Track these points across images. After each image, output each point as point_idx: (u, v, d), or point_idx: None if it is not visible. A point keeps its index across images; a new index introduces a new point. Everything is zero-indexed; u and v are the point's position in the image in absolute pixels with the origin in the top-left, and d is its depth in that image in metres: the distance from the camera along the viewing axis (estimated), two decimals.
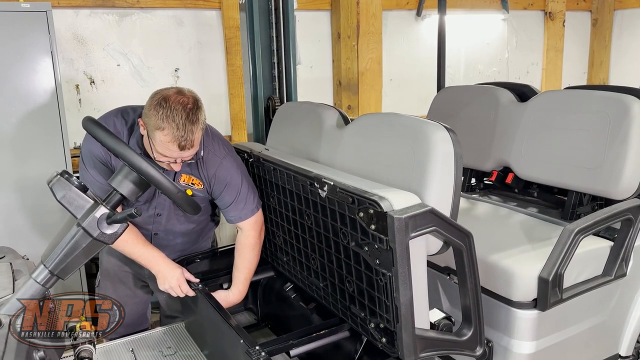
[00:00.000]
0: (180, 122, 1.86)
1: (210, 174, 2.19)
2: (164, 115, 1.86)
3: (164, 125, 1.86)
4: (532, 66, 5.76)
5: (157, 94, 1.92)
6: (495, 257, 2.05)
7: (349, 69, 4.73)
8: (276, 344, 1.86)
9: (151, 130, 1.90)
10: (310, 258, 2.07)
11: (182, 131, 1.87)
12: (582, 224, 1.98)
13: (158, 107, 1.87)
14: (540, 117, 2.53)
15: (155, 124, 1.87)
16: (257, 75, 3.44)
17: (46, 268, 1.45)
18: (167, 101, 1.88)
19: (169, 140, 1.88)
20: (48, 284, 1.47)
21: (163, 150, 1.92)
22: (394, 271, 1.56)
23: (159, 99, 1.90)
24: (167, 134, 1.87)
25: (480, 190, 3.03)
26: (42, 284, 1.46)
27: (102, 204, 1.46)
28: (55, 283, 1.49)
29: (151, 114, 1.88)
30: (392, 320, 1.64)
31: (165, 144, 1.89)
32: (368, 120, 2.06)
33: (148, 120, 1.90)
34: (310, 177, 1.87)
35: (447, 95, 3.13)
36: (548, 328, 2.01)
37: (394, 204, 1.55)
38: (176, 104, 1.88)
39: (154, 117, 1.87)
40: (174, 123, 1.86)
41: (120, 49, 3.98)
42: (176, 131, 1.86)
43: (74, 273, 1.50)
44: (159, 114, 1.86)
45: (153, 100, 1.91)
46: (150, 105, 1.90)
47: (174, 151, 1.91)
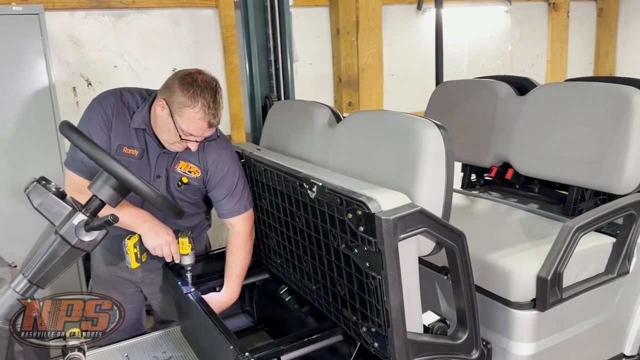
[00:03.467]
0: (210, 99, 1.96)
1: (210, 162, 2.20)
2: (195, 94, 1.94)
3: (195, 104, 1.94)
4: (536, 58, 5.66)
5: (180, 74, 2.00)
6: (493, 256, 2.00)
7: (349, 65, 4.67)
8: (267, 350, 1.81)
9: (178, 109, 1.96)
10: (303, 260, 2.02)
11: (213, 109, 1.97)
12: (582, 220, 1.92)
13: (187, 85, 1.95)
14: (540, 110, 2.46)
15: (184, 102, 1.94)
16: (254, 74, 3.39)
17: (25, 277, 1.42)
18: (195, 80, 1.96)
19: (199, 118, 1.96)
20: (27, 294, 1.44)
21: (190, 129, 1.98)
22: (383, 274, 1.51)
23: (185, 78, 1.97)
24: (198, 111, 1.94)
25: (481, 187, 2.97)
26: (21, 293, 1.43)
27: (80, 210, 1.42)
28: (35, 292, 1.45)
29: (179, 92, 1.95)
30: (383, 325, 1.59)
31: (195, 121, 1.96)
32: (358, 118, 2.00)
33: (175, 99, 1.96)
34: (299, 178, 1.83)
35: (445, 90, 3.07)
36: (548, 329, 1.95)
37: (382, 204, 1.50)
38: (204, 83, 1.97)
39: (182, 96, 1.94)
40: (204, 101, 1.94)
41: (116, 50, 3.95)
42: (207, 109, 1.95)
43: (54, 281, 1.46)
44: (189, 93, 1.94)
45: (177, 80, 1.97)
46: (174, 85, 1.97)
47: (201, 129, 1.99)
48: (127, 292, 2.46)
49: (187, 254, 2.20)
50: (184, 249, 2.19)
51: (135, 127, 2.10)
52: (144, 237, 2.14)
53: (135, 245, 2.11)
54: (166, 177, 2.18)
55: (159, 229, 2.15)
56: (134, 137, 2.11)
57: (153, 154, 2.14)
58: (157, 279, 2.46)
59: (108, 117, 2.06)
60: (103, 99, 2.10)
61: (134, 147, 2.11)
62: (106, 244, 2.37)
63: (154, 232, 2.14)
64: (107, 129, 2.06)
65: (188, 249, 2.19)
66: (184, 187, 2.21)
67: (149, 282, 2.46)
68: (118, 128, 2.08)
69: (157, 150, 2.14)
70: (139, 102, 2.12)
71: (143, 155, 2.13)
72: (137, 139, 2.11)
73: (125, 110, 2.09)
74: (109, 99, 2.10)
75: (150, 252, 2.15)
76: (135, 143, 2.11)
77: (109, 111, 2.07)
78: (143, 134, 2.12)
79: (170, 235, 2.17)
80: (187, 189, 2.22)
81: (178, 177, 2.19)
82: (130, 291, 2.46)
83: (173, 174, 2.18)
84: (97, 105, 2.08)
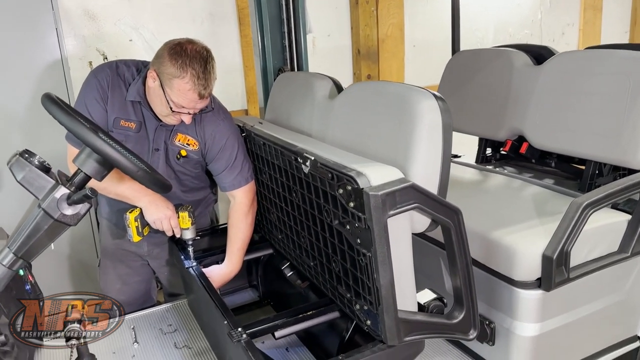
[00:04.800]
0: (199, 70, 1.89)
1: (208, 134, 2.17)
2: (183, 64, 1.88)
3: (184, 74, 1.88)
4: (567, 27, 5.40)
5: (169, 44, 1.94)
6: (499, 233, 1.91)
7: (368, 36, 4.54)
8: (260, 325, 1.80)
9: (168, 80, 1.91)
10: (301, 236, 1.99)
11: (202, 79, 1.91)
12: (592, 197, 1.81)
13: (176, 55, 1.89)
14: (557, 81, 2.33)
15: (173, 73, 1.89)
16: (266, 46, 3.34)
17: (10, 251, 1.42)
18: (185, 50, 1.91)
19: (189, 89, 1.90)
20: (14, 267, 1.44)
21: (180, 100, 1.94)
22: (372, 251, 1.46)
23: (174, 48, 1.91)
24: (187, 81, 1.89)
25: (496, 161, 2.86)
26: (7, 266, 1.43)
27: (63, 184, 1.40)
28: (22, 266, 1.46)
29: (168, 63, 1.90)
30: (374, 303, 1.55)
31: (185, 92, 1.91)
32: (357, 89, 1.93)
33: (164, 70, 1.92)
34: (294, 152, 1.78)
35: (460, 60, 2.95)
36: (554, 309, 1.87)
37: (372, 179, 1.44)
38: (194, 52, 1.91)
39: (171, 67, 1.89)
40: (194, 71, 1.88)
41: (131, 24, 3.93)
42: (197, 79, 1.89)
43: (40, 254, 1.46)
44: (177, 63, 1.88)
45: (167, 50, 1.93)
46: (164, 55, 1.92)
47: (191, 100, 1.94)
48: (134, 265, 2.48)
49: (188, 228, 2.19)
50: (184, 224, 2.18)
51: (131, 100, 2.08)
52: (145, 211, 2.14)
53: (136, 218, 2.12)
54: (165, 150, 2.16)
55: (160, 202, 2.14)
56: (131, 110, 2.09)
57: (150, 127, 2.12)
58: (163, 252, 2.47)
59: (104, 89, 2.05)
60: (99, 71, 2.09)
61: (131, 120, 2.09)
62: (112, 217, 2.38)
63: (154, 206, 2.13)
64: (104, 102, 2.05)
65: (188, 223, 2.18)
66: (183, 160, 2.19)
67: (155, 256, 2.47)
68: (114, 101, 2.06)
69: (155, 123, 2.11)
70: (134, 74, 2.09)
71: (141, 128, 2.11)
72: (134, 111, 2.09)
73: (121, 82, 2.07)
74: (104, 71, 2.08)
75: (151, 225, 2.15)
76: (132, 116, 2.09)
77: (105, 84, 2.05)
78: (139, 107, 2.10)
79: (170, 209, 2.16)
80: (186, 162, 2.20)
81: (177, 150, 2.17)
82: (137, 264, 2.48)
83: (172, 146, 2.16)
84: (93, 78, 2.07)
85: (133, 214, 2.12)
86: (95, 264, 3.18)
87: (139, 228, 2.13)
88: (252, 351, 1.61)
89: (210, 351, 2.14)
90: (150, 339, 2.26)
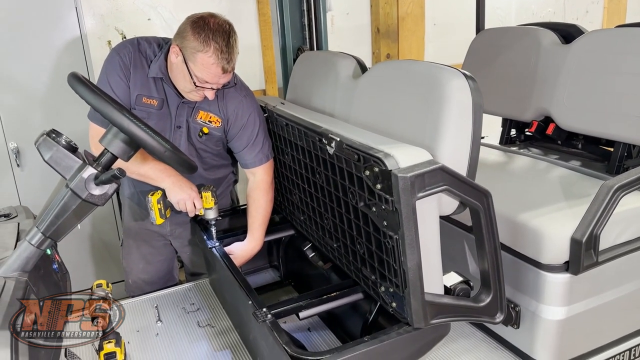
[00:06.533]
0: (222, 43, 1.89)
1: (230, 110, 2.17)
2: (207, 38, 1.88)
3: (207, 48, 1.88)
4: (591, 5, 5.25)
5: (192, 18, 1.94)
6: (526, 215, 1.88)
7: (388, 14, 4.46)
8: (285, 306, 1.80)
9: (191, 54, 1.91)
10: (324, 218, 1.97)
11: (226, 53, 1.90)
12: (624, 179, 1.77)
13: (199, 29, 1.89)
14: (586, 60, 2.27)
15: (196, 47, 1.89)
16: (285, 24, 3.29)
17: (39, 230, 1.43)
18: (207, 24, 1.90)
19: (212, 62, 1.90)
20: (43, 246, 1.45)
21: (204, 75, 1.94)
22: (400, 233, 1.44)
23: (197, 22, 1.91)
24: (211, 55, 1.89)
25: (521, 143, 2.81)
26: (36, 246, 1.45)
27: (90, 164, 1.40)
28: (50, 245, 1.47)
29: (191, 37, 1.90)
30: (400, 285, 1.53)
31: (208, 66, 1.91)
32: (383, 68, 1.89)
33: (187, 44, 1.91)
34: (318, 133, 1.76)
35: (485, 39, 2.88)
36: (582, 293, 1.84)
37: (400, 161, 1.42)
38: (216, 26, 1.91)
39: (194, 41, 1.89)
40: (217, 45, 1.88)
41: (150, 3, 3.89)
42: (220, 53, 1.89)
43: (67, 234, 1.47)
44: (200, 37, 1.88)
45: (189, 24, 1.93)
46: (187, 30, 1.92)
47: (215, 75, 1.93)
48: (157, 245, 2.49)
49: (211, 208, 2.19)
50: (207, 203, 2.18)
51: (153, 77, 2.06)
52: (168, 192, 2.13)
53: (158, 201, 2.11)
54: (187, 127, 2.15)
55: (183, 183, 2.14)
56: (153, 87, 2.08)
57: (173, 104, 2.11)
58: (186, 232, 2.48)
59: (126, 66, 2.04)
60: (121, 48, 2.07)
61: (153, 97, 2.08)
62: (134, 197, 2.39)
63: (178, 187, 2.12)
64: (126, 78, 2.04)
65: (211, 203, 2.18)
66: (205, 138, 2.18)
67: (178, 236, 2.48)
68: (136, 77, 2.05)
69: (177, 100, 2.10)
70: (155, 51, 2.08)
71: (163, 106, 2.10)
72: (156, 88, 2.08)
73: (142, 59, 2.05)
74: (126, 47, 2.07)
75: (174, 206, 2.15)
76: (155, 93, 2.08)
77: (127, 60, 2.04)
78: (162, 84, 2.09)
79: (194, 190, 2.15)
80: (208, 139, 2.19)
81: (199, 127, 2.15)
82: (159, 244, 2.50)
83: (194, 124, 2.15)
84: (115, 55, 2.06)
85: (155, 197, 2.11)
86: (117, 244, 3.21)
87: (162, 210, 2.13)
88: (277, 331, 1.61)
89: (233, 330, 2.16)
90: (174, 318, 2.28)
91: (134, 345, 2.11)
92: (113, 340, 1.79)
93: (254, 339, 1.87)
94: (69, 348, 1.82)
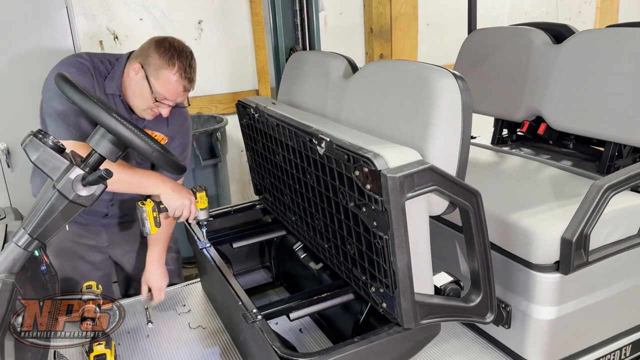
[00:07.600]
0: (186, 63, 1.96)
1: (175, 129, 2.22)
2: (172, 56, 1.93)
3: (172, 66, 1.93)
4: (584, 5, 5.28)
5: (155, 39, 2.00)
6: (516, 215, 1.88)
7: (381, 14, 4.47)
8: (275, 307, 1.79)
9: (154, 71, 1.94)
10: (315, 218, 1.97)
11: (189, 73, 1.97)
12: (614, 179, 1.78)
13: (164, 49, 1.95)
14: (576, 60, 2.28)
15: (161, 64, 1.93)
16: (278, 24, 3.26)
17: (26, 232, 1.42)
18: (172, 44, 1.97)
19: (175, 80, 1.95)
20: (30, 248, 1.44)
21: (165, 91, 1.96)
22: (389, 234, 1.44)
23: (162, 42, 1.97)
24: (175, 72, 1.94)
25: (512, 143, 2.81)
26: (23, 247, 1.43)
27: (77, 165, 1.39)
28: (37, 247, 1.46)
29: (156, 55, 1.94)
30: (390, 286, 1.53)
31: (171, 83, 1.95)
32: (373, 68, 1.89)
33: (151, 61, 1.94)
34: (308, 133, 1.75)
35: (477, 39, 2.89)
36: (572, 292, 1.84)
37: (390, 161, 1.41)
38: (181, 46, 1.99)
39: (159, 58, 1.93)
40: (181, 64, 1.95)
41: (142, 3, 3.89)
42: (184, 72, 1.95)
43: (54, 235, 1.46)
44: (167, 55, 1.93)
45: (153, 44, 1.97)
46: (151, 48, 1.96)
47: (175, 92, 1.98)
48: (94, 260, 2.38)
49: (205, 208, 2.17)
50: (202, 204, 2.16)
51: (111, 93, 2.03)
52: (167, 198, 2.03)
53: (153, 209, 2.04)
54: None
55: (181, 188, 2.10)
56: (112, 103, 2.05)
57: None
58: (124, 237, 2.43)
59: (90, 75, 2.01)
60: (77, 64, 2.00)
61: None
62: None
63: (177, 192, 2.05)
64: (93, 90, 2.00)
65: (205, 203, 2.16)
66: None
67: (117, 243, 2.42)
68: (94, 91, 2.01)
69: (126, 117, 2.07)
70: (108, 68, 2.05)
71: None
72: (114, 104, 2.06)
73: (98, 75, 2.02)
74: (83, 64, 2.00)
75: (170, 212, 2.07)
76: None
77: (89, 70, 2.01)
78: (114, 101, 2.05)
79: (192, 194, 2.13)
80: None
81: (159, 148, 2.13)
82: (97, 259, 2.39)
83: None
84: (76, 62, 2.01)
85: (149, 205, 2.04)
86: None
87: (158, 219, 2.06)
88: (267, 332, 1.61)
89: (224, 331, 2.15)
90: (164, 319, 2.27)
91: (124, 347, 2.10)
92: (103, 342, 1.78)
93: (245, 340, 1.86)
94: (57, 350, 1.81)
